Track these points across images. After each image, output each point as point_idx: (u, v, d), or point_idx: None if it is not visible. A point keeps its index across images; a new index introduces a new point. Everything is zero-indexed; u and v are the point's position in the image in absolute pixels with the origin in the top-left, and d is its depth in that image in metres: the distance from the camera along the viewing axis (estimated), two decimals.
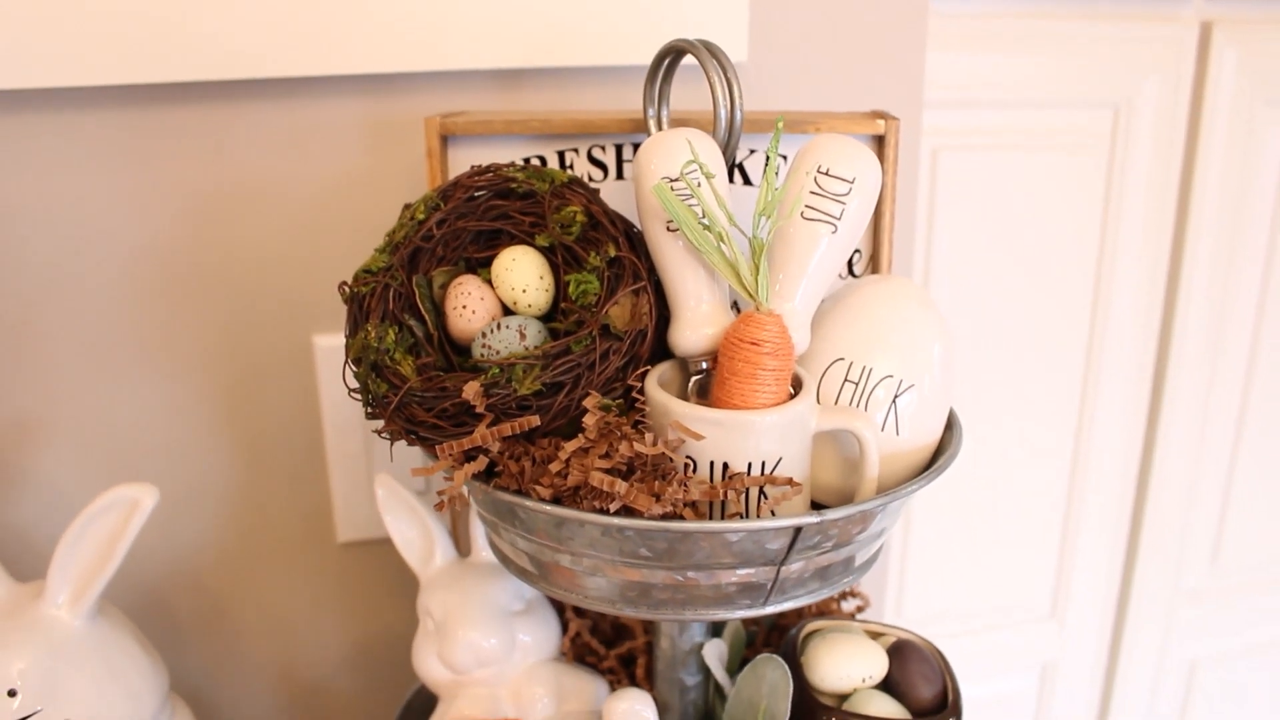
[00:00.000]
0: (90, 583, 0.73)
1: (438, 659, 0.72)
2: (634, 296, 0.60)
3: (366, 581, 0.95)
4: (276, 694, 0.97)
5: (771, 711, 0.66)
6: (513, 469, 0.57)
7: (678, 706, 0.72)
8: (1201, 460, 1.38)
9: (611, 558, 0.57)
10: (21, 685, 0.71)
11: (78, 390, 0.85)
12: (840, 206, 0.59)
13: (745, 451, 0.56)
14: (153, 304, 0.84)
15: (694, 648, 0.70)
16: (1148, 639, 1.45)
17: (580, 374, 0.58)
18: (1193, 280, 1.26)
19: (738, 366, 0.57)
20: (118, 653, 0.76)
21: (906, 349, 0.62)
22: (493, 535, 0.66)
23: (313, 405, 0.89)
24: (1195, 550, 1.43)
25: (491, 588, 0.72)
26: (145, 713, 0.76)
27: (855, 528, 0.58)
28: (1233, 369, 1.34)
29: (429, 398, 0.59)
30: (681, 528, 0.54)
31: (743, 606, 0.59)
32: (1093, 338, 1.27)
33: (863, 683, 0.69)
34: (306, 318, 0.87)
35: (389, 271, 0.64)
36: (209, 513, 0.90)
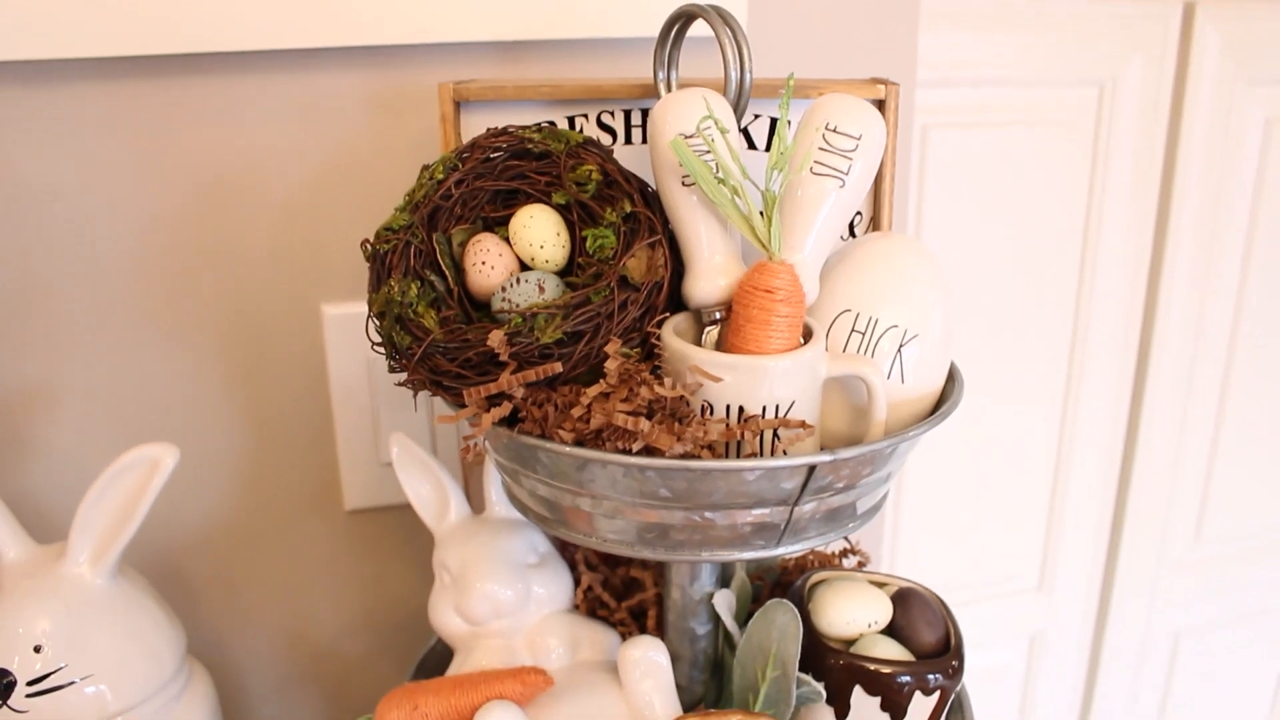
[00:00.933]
0: (111, 542, 0.75)
1: (455, 611, 0.74)
2: (650, 250, 0.62)
3: (374, 548, 0.97)
4: (288, 658, 0.98)
5: (782, 655, 0.68)
6: (536, 414, 0.59)
7: (688, 655, 0.74)
8: (1185, 434, 1.41)
9: (631, 499, 0.59)
10: (47, 641, 0.73)
11: (88, 360, 0.86)
12: (848, 162, 0.62)
13: (760, 396, 0.58)
14: (162, 274, 0.85)
15: (704, 597, 0.72)
16: (1133, 610, 1.48)
17: (600, 323, 0.60)
18: (1177, 256, 1.29)
19: (752, 314, 0.59)
20: (138, 612, 0.77)
21: (911, 301, 0.65)
22: (511, 485, 0.68)
23: (320, 373, 0.91)
24: (1179, 523, 1.46)
25: (506, 541, 0.74)
26: (164, 672, 0.78)
27: (865, 469, 0.60)
28: (1215, 344, 1.37)
29: (452, 348, 0.61)
30: (702, 465, 0.56)
31: (757, 547, 0.62)
32: (1078, 314, 1.30)
33: (868, 628, 0.71)
34: (315, 287, 0.89)
35: (410, 229, 0.65)
36: (218, 481, 0.92)
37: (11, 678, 0.72)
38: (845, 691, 0.69)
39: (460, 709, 0.69)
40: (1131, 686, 1.53)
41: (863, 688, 0.69)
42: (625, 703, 0.70)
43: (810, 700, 0.69)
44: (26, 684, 0.72)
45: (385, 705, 0.71)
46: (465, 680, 0.70)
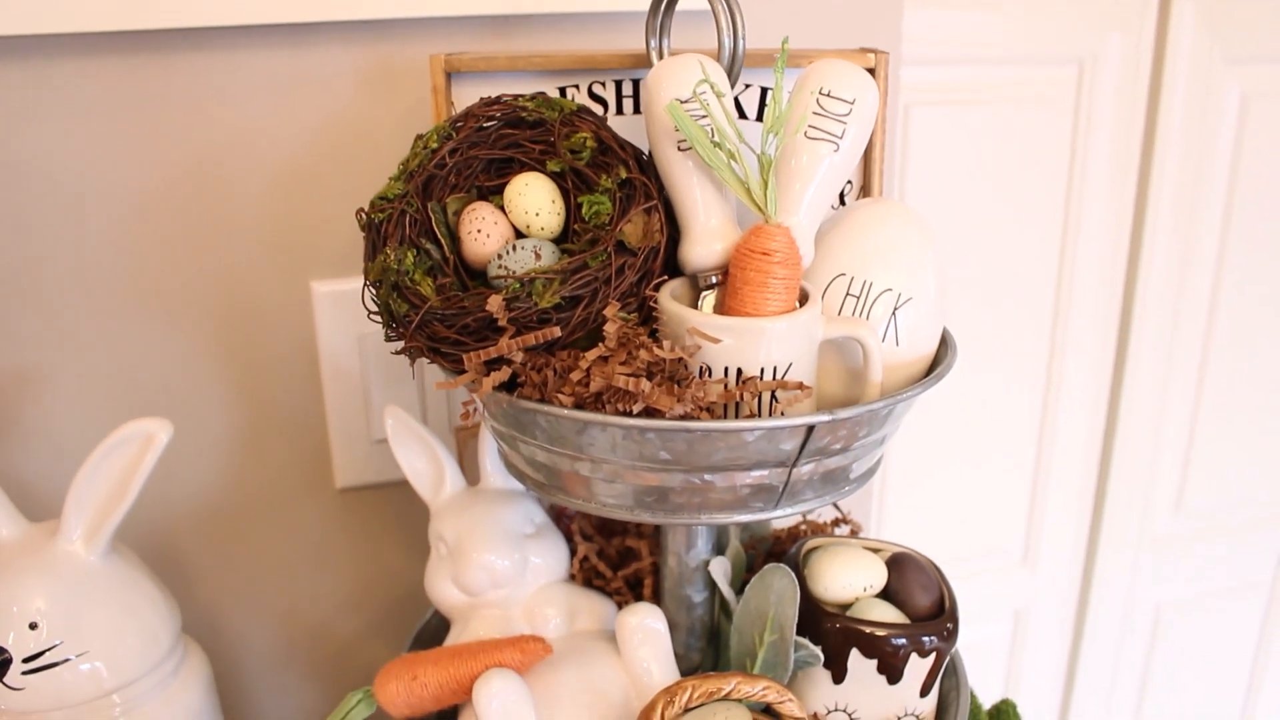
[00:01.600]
0: (105, 518, 0.75)
1: (452, 582, 0.74)
2: (646, 215, 0.62)
3: (366, 526, 0.97)
4: (282, 636, 0.98)
5: (779, 619, 0.69)
6: (535, 379, 0.59)
7: (685, 623, 0.75)
8: (1165, 410, 1.42)
9: (631, 462, 0.59)
10: (42, 619, 0.72)
11: (79, 340, 0.86)
12: (841, 126, 0.62)
13: (758, 358, 0.59)
14: (153, 251, 0.85)
15: (700, 565, 0.73)
16: (1115, 583, 1.50)
17: (597, 288, 0.60)
18: (1156, 231, 1.30)
19: (749, 276, 0.59)
20: (132, 589, 0.77)
21: (904, 265, 0.65)
22: (508, 453, 0.68)
23: (311, 351, 0.91)
24: (1160, 497, 1.48)
25: (502, 512, 0.75)
26: (159, 649, 0.78)
27: (861, 430, 0.61)
28: (1195, 320, 1.38)
29: (450, 315, 0.61)
30: (701, 426, 0.56)
31: (755, 509, 0.62)
32: (1060, 290, 1.31)
33: (864, 591, 0.72)
34: (305, 264, 0.89)
35: (404, 198, 0.66)
36: (209, 460, 0.92)
37: (7, 655, 0.72)
38: (842, 654, 0.70)
39: (459, 678, 0.69)
40: (1114, 659, 1.54)
41: (859, 650, 0.69)
42: (623, 670, 0.70)
43: (808, 663, 0.70)
44: (22, 661, 0.72)
45: (384, 676, 0.71)
46: (464, 650, 0.70)
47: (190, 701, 0.80)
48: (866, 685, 0.70)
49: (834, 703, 0.71)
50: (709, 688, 0.63)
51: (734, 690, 0.63)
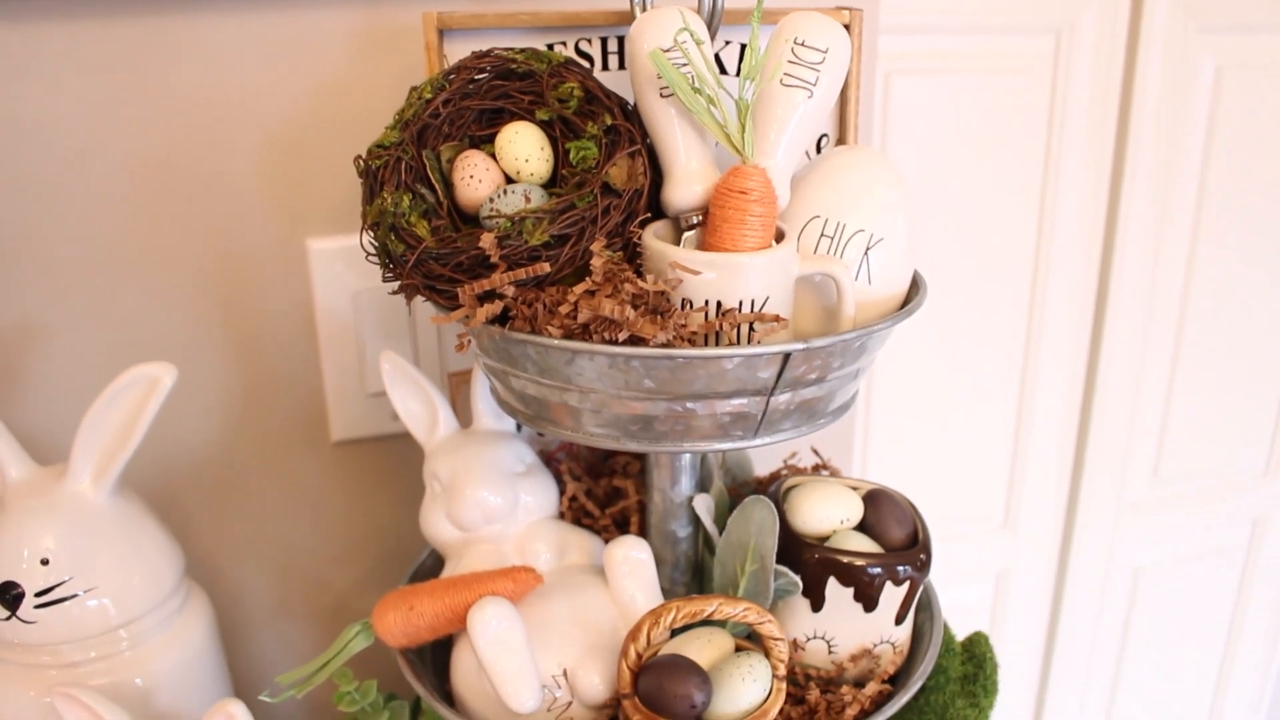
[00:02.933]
0: (112, 460, 0.78)
1: (446, 519, 0.77)
2: (630, 159, 0.66)
3: (361, 479, 1.00)
4: (279, 587, 1.01)
5: (760, 548, 0.72)
6: (525, 313, 0.63)
7: (670, 558, 0.78)
8: (1142, 376, 1.46)
9: (617, 391, 0.62)
10: (53, 555, 0.75)
11: (78, 296, 0.88)
12: (815, 74, 0.65)
13: (736, 291, 0.62)
14: (151, 210, 0.88)
15: (684, 501, 0.76)
16: (1094, 549, 1.53)
17: (584, 227, 0.64)
18: (1133, 200, 1.34)
19: (728, 214, 0.62)
20: (138, 529, 0.80)
21: (876, 207, 0.68)
22: (499, 389, 0.71)
23: (307, 307, 0.94)
24: (1137, 463, 1.51)
25: (494, 451, 0.78)
26: (164, 588, 0.81)
27: (835, 360, 0.64)
28: (1171, 290, 1.42)
29: (444, 254, 0.64)
30: (683, 353, 0.59)
31: (735, 438, 0.65)
32: (1038, 259, 1.35)
33: (841, 524, 0.75)
34: (301, 222, 0.91)
35: (400, 146, 0.69)
36: (207, 414, 0.94)
37: (20, 589, 0.75)
38: (820, 583, 0.73)
39: (454, 607, 0.72)
40: (1093, 622, 1.58)
41: (836, 579, 0.73)
42: (611, 600, 0.74)
43: (787, 592, 0.73)
44: (34, 595, 0.75)
45: (382, 608, 0.75)
46: (458, 581, 0.73)
47: (194, 640, 0.83)
48: (844, 613, 0.74)
49: (813, 631, 0.75)
50: (693, 609, 0.66)
51: (716, 611, 0.66)
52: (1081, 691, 1.63)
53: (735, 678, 0.67)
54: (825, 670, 0.75)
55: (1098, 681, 1.63)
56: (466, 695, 0.73)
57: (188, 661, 0.82)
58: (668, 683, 0.66)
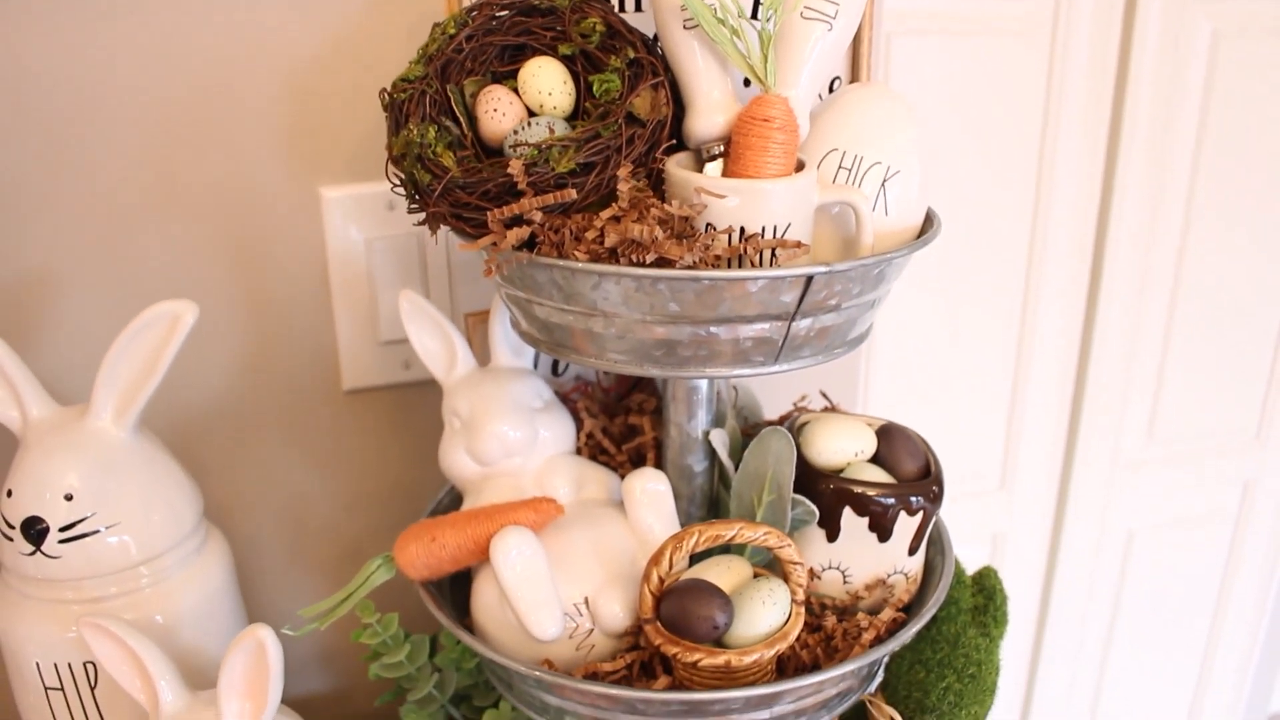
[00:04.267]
0: (134, 397, 0.78)
1: (466, 453, 0.78)
2: (654, 90, 0.67)
3: (372, 428, 1.01)
4: (292, 536, 1.02)
5: (777, 478, 0.74)
6: (552, 238, 0.64)
7: (686, 493, 0.79)
8: (1137, 339, 1.47)
9: (641, 316, 0.64)
10: (76, 491, 0.76)
11: (91, 245, 0.89)
12: (834, 7, 0.67)
13: (759, 217, 0.63)
14: (164, 156, 0.88)
15: (701, 435, 0.77)
16: (1089, 509, 1.55)
17: (609, 155, 0.65)
18: (1129, 168, 1.35)
19: (751, 141, 0.64)
20: (158, 468, 0.81)
21: (893, 140, 0.70)
22: (520, 320, 0.72)
23: (319, 255, 0.95)
24: (1132, 424, 1.53)
25: (513, 386, 0.79)
26: (184, 527, 0.82)
27: (855, 286, 0.65)
28: (1166, 250, 1.43)
29: (471, 183, 0.65)
30: (709, 275, 0.61)
31: (756, 364, 0.67)
32: (1035, 224, 1.36)
33: (855, 457, 0.77)
34: (314, 170, 0.92)
35: (424, 80, 0.70)
36: (220, 362, 0.95)
37: (45, 524, 0.76)
38: (835, 514, 0.74)
39: (476, 538, 0.73)
40: (1088, 581, 1.60)
41: (852, 509, 0.74)
42: (630, 531, 0.75)
43: (804, 522, 0.75)
44: (59, 530, 0.76)
45: (404, 540, 0.76)
46: (480, 512, 0.75)
47: (213, 579, 0.84)
48: (858, 543, 0.75)
49: (828, 561, 0.76)
50: (714, 532, 0.68)
51: (737, 535, 0.68)
52: (1075, 652, 1.65)
53: (755, 601, 0.68)
54: (840, 600, 0.77)
55: (1091, 641, 1.65)
56: (488, 626, 0.75)
57: (207, 600, 0.83)
58: (690, 605, 0.67)
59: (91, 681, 0.79)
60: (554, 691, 0.71)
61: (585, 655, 0.72)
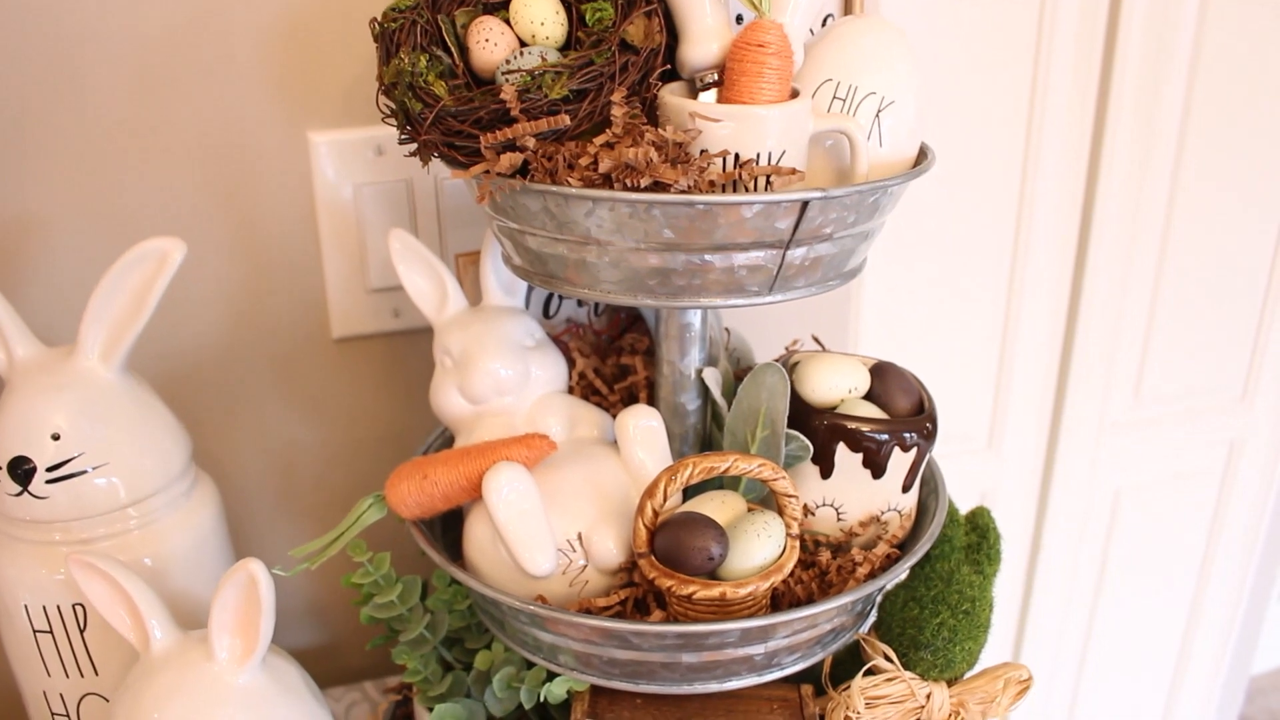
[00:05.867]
0: (121, 336, 0.78)
1: (458, 392, 0.77)
2: (647, 18, 0.66)
3: (361, 377, 1.00)
4: (281, 483, 1.01)
5: (771, 413, 0.73)
6: (545, 166, 0.63)
7: (679, 432, 0.79)
8: (1125, 300, 1.47)
9: (635, 243, 0.63)
10: (63, 431, 0.75)
11: (78, 187, 0.88)
12: None
13: (753, 143, 0.63)
14: (151, 98, 0.87)
15: (694, 373, 0.77)
16: (1076, 469, 1.55)
17: (603, 83, 0.64)
18: (1118, 122, 1.35)
19: (746, 67, 0.63)
20: (147, 410, 0.81)
21: (888, 70, 0.69)
22: (511, 254, 0.72)
23: (308, 201, 0.94)
24: (1119, 386, 1.53)
25: (505, 325, 0.78)
26: (172, 470, 0.81)
27: (850, 215, 0.65)
28: (1154, 210, 1.43)
29: (463, 110, 0.64)
30: (704, 199, 0.60)
31: (751, 293, 0.66)
32: (1023, 184, 1.36)
33: (849, 393, 0.76)
34: (302, 114, 0.91)
35: (415, 9, 0.69)
36: (208, 309, 0.94)
37: (31, 464, 0.75)
38: (829, 450, 0.74)
39: (469, 475, 0.73)
40: (1076, 540, 1.60)
41: (846, 445, 0.74)
42: (624, 468, 0.74)
43: (798, 457, 0.74)
44: (46, 470, 0.75)
45: (395, 478, 0.75)
46: (472, 450, 0.74)
47: (202, 524, 0.83)
48: (852, 480, 0.75)
49: (822, 498, 0.76)
50: (708, 464, 0.67)
51: (731, 467, 0.67)
52: (1063, 610, 1.65)
53: (750, 534, 0.68)
54: (834, 537, 0.77)
55: (1078, 601, 1.66)
56: (481, 564, 0.74)
57: (197, 544, 0.83)
58: (684, 536, 0.67)
59: (81, 624, 0.79)
60: (547, 627, 0.71)
61: (579, 592, 0.72)
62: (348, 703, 1.03)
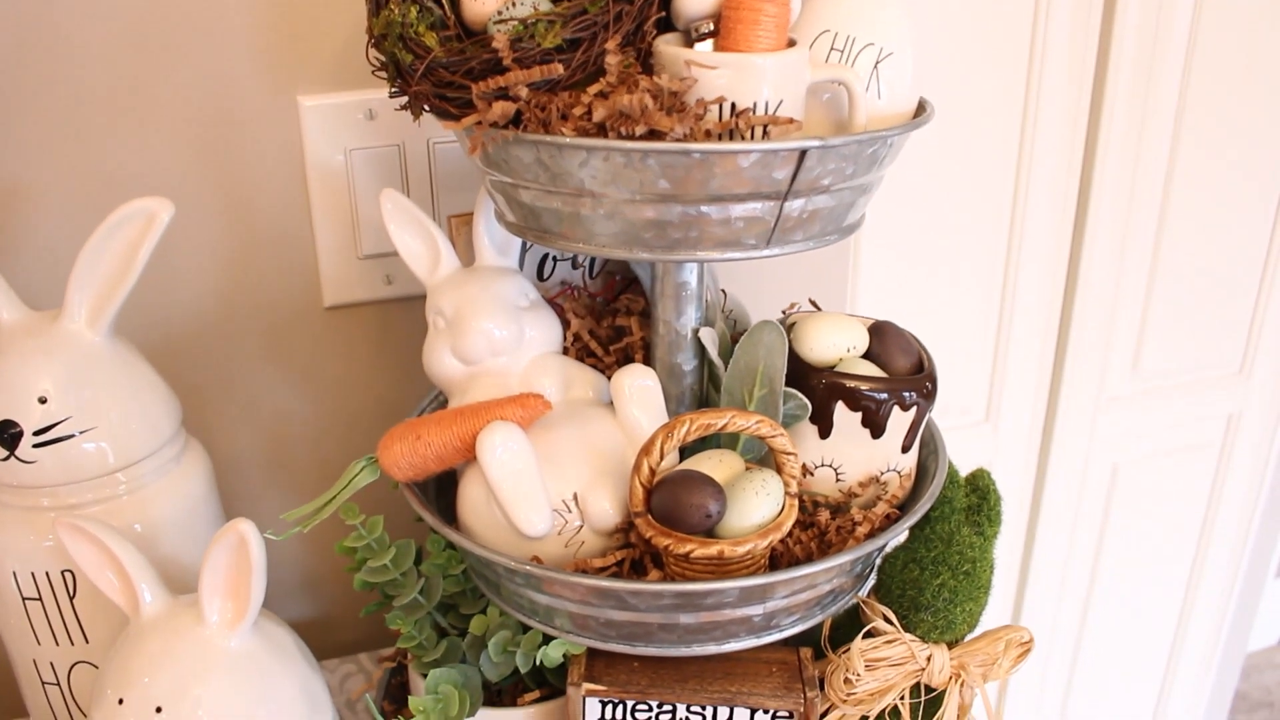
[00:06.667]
0: (109, 298, 0.76)
1: (450, 353, 0.76)
2: None
3: (352, 345, 0.99)
4: (272, 452, 1.00)
5: (769, 371, 0.72)
6: (539, 116, 0.62)
7: (675, 393, 0.78)
8: (1123, 274, 1.46)
9: (630, 194, 0.62)
10: (50, 394, 0.74)
11: (64, 154, 0.86)
12: None
13: (750, 92, 0.62)
14: (137, 60, 0.86)
15: (690, 333, 0.76)
16: (1074, 442, 1.55)
17: (597, 31, 0.63)
18: (1116, 94, 1.34)
19: (742, 15, 0.62)
20: (135, 374, 0.80)
21: (886, 21, 0.68)
22: (505, 210, 0.71)
23: (298, 167, 0.93)
24: (1117, 359, 1.52)
25: (498, 285, 0.77)
26: (161, 434, 0.80)
27: (848, 167, 0.64)
28: (1152, 184, 1.42)
29: (454, 61, 0.63)
30: (701, 147, 0.59)
31: (748, 247, 0.65)
32: (1021, 157, 1.35)
33: (848, 352, 0.75)
34: (291, 78, 0.90)
35: None
36: (198, 277, 0.93)
37: (18, 428, 0.74)
38: (828, 409, 0.73)
39: (463, 435, 0.72)
40: (1073, 514, 1.60)
41: (845, 404, 0.73)
42: (619, 428, 0.73)
43: (796, 416, 0.73)
44: (32, 434, 0.74)
45: (388, 439, 0.74)
46: (466, 410, 0.73)
47: (192, 489, 0.83)
48: (851, 440, 0.74)
49: (821, 458, 0.75)
50: (705, 420, 0.66)
51: (729, 424, 0.66)
52: (1059, 585, 1.65)
53: (748, 492, 0.67)
54: (833, 498, 0.76)
55: (1076, 575, 1.65)
56: (475, 526, 0.73)
57: (187, 510, 0.82)
58: (682, 494, 0.66)
59: (71, 591, 0.78)
60: (543, 589, 0.70)
61: (574, 553, 0.71)
62: (343, 674, 1.02)
